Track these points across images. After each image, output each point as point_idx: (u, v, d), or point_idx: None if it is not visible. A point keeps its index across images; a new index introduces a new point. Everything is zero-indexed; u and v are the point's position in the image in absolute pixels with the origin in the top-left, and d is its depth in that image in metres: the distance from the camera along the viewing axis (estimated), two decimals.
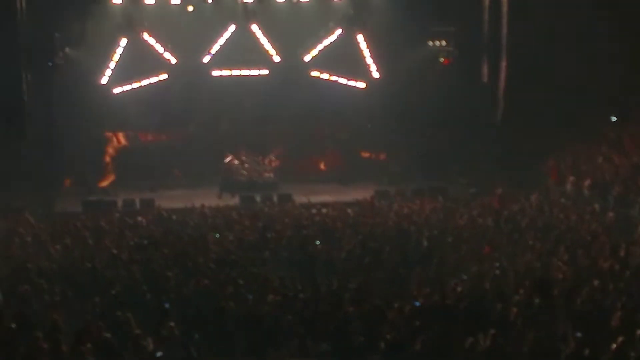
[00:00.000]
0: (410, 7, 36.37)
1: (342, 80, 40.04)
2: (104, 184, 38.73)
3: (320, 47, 39.22)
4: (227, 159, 39.45)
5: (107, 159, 39.82)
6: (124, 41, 37.67)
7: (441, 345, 15.68)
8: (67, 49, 36.45)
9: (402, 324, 16.84)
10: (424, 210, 29.81)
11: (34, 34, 34.37)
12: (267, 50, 39.16)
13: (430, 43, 39.45)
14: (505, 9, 36.09)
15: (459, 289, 18.83)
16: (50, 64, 35.14)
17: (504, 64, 36.37)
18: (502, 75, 36.42)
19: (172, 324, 16.20)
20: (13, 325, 16.23)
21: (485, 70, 37.57)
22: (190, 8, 38.32)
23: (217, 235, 25.35)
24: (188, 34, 38.55)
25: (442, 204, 31.17)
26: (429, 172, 37.55)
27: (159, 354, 15.09)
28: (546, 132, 35.43)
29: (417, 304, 17.91)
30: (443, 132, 38.29)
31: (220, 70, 39.67)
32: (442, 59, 39.37)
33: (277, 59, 39.41)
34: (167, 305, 17.69)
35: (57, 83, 35.98)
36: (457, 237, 24.48)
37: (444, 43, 39.25)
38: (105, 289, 19.06)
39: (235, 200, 34.44)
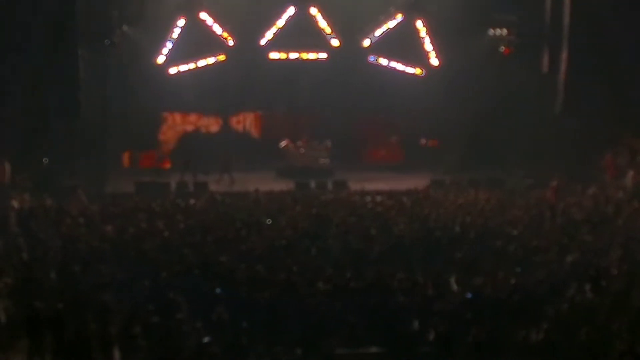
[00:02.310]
0: None
1: (400, 67, 39.66)
2: (165, 165, 38.79)
3: (379, 32, 38.86)
4: (283, 144, 39.28)
5: (163, 139, 39.86)
6: (182, 21, 37.59)
7: (493, 338, 15.58)
8: (124, 27, 36.38)
9: (454, 315, 16.73)
10: (479, 200, 29.44)
11: (91, 11, 34.38)
12: (327, 34, 38.88)
13: (491, 31, 38.72)
14: None
15: (512, 282, 18.62)
16: (107, 42, 35.10)
17: (564, 54, 35.65)
18: (563, 66, 35.70)
19: (221, 309, 16.18)
20: (61, 306, 16.31)
21: (545, 60, 36.88)
22: None
23: (269, 221, 25.24)
24: (247, 15, 38.32)
25: (498, 195, 30.78)
26: (485, 163, 37.03)
27: (206, 339, 15.03)
28: (606, 125, 34.83)
29: (469, 295, 17.77)
30: (501, 122, 37.74)
31: (278, 53, 39.48)
32: (502, 48, 38.65)
33: (336, 43, 39.11)
34: (218, 291, 17.67)
35: (113, 61, 35.99)
36: (512, 229, 24.15)
37: (505, 32, 38.56)
38: (156, 272, 19.10)
39: (289, 186, 34.17)
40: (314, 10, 38.25)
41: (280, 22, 38.42)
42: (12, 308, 16.91)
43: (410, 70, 39.57)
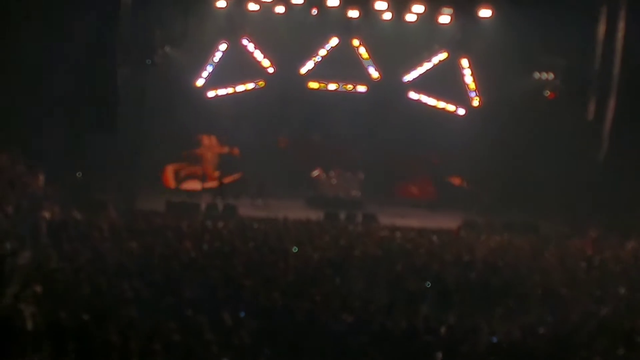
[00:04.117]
0: (520, 36, 35.55)
1: (441, 105, 39.40)
2: (191, 187, 38.65)
3: (422, 68, 38.65)
4: (315, 173, 39.12)
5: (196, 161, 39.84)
6: (223, 45, 37.68)
7: None
8: (166, 48, 36.56)
9: (478, 358, 16.32)
10: (513, 245, 28.95)
11: (134, 29, 34.49)
12: (367, 68, 38.72)
13: (537, 74, 38.47)
14: (620, 45, 34.79)
15: (541, 331, 18.17)
16: (148, 61, 35.21)
17: (612, 102, 35.03)
18: (610, 115, 35.07)
19: (243, 333, 15.93)
20: (86, 317, 16.18)
21: (591, 108, 36.26)
22: (314, 11, 38.01)
23: (296, 250, 24.95)
24: (289, 43, 38.37)
25: (532, 241, 30.24)
26: (521, 207, 36.46)
27: None
28: None
29: (495, 339, 17.36)
30: (540, 167, 37.20)
31: (318, 82, 39.40)
32: (547, 92, 38.36)
33: (376, 77, 38.95)
34: (242, 315, 17.44)
35: (153, 81, 36.05)
36: (545, 277, 23.67)
37: (551, 76, 38.24)
38: (180, 290, 18.97)
39: (319, 215, 33.84)
40: (356, 43, 38.13)
41: (322, 52, 38.37)
42: (38, 316, 16.80)
43: (450, 108, 39.26)
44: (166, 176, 39.02)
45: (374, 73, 38.99)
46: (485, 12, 36.75)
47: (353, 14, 37.60)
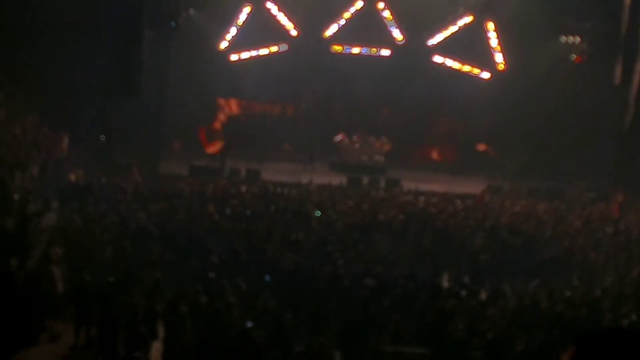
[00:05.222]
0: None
1: (466, 69, 38.93)
2: (212, 150, 38.51)
3: (447, 32, 38.15)
4: (338, 138, 38.86)
5: (217, 125, 39.70)
6: (247, 8, 37.38)
7: (544, 350, 15.02)
8: (190, 11, 36.34)
9: (505, 322, 16.25)
10: (538, 209, 28.73)
11: None
12: (392, 31, 38.32)
13: (564, 38, 37.82)
14: None
15: (568, 294, 18.06)
16: (172, 24, 35.04)
17: (638, 67, 34.54)
18: (636, 79, 34.55)
19: (267, 296, 15.94)
20: (112, 280, 16.26)
21: (618, 72, 35.73)
22: None
23: (319, 214, 24.85)
24: (313, 6, 37.97)
25: (558, 206, 29.99)
26: (546, 172, 36.04)
27: (249, 324, 14.71)
28: None
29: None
30: (566, 131, 36.78)
31: (341, 46, 39.04)
32: (574, 57, 37.79)
33: (401, 40, 38.52)
34: (267, 278, 17.46)
35: (177, 44, 35.86)
36: (571, 242, 23.50)
37: (578, 40, 37.63)
38: (204, 254, 19.09)
39: (342, 180, 33.66)
40: (381, 5, 37.72)
41: (346, 16, 37.96)
42: (64, 279, 16.95)
43: (475, 72, 38.80)
44: (202, 137, 38.94)
45: (398, 36, 38.53)
46: None
47: None
